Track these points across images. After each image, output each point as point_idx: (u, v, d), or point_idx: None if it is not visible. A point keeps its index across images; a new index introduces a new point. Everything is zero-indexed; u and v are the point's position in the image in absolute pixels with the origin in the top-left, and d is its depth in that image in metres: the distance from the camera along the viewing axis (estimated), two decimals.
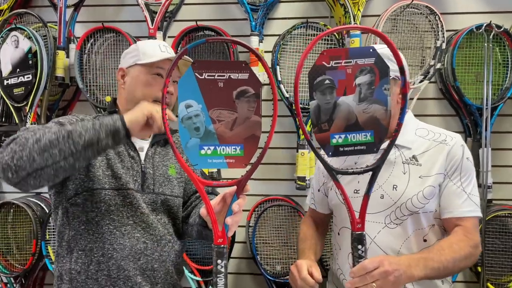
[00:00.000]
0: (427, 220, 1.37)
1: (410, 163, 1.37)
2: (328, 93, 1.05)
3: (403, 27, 2.04)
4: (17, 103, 2.09)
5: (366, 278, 1.08)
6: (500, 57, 2.03)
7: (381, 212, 1.36)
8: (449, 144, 1.37)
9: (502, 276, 2.03)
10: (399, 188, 1.35)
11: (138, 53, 1.40)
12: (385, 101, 1.05)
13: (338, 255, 1.47)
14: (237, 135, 1.00)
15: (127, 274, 1.29)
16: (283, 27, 2.12)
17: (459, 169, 1.35)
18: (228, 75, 0.98)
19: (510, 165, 2.10)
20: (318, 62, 1.04)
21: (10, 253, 2.25)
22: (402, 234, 1.35)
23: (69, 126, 1.13)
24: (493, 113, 1.99)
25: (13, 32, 2.08)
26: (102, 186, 1.31)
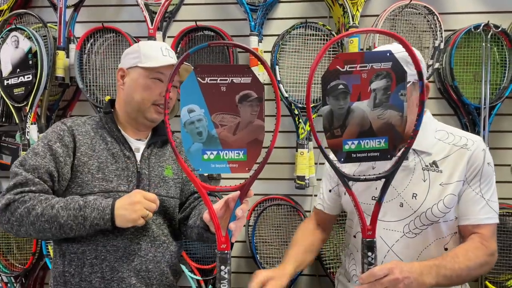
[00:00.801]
0: (448, 228, 1.34)
1: (430, 169, 1.32)
2: (341, 98, 1.03)
3: (401, 27, 2.05)
4: (17, 103, 2.09)
5: (375, 285, 1.07)
6: (498, 56, 2.03)
7: (400, 220, 1.33)
8: (470, 149, 1.32)
9: (501, 274, 2.04)
10: (419, 197, 1.31)
11: (140, 55, 1.40)
12: (401, 107, 1.03)
13: (354, 257, 1.45)
14: (240, 140, 1.00)
15: (121, 275, 1.29)
16: (282, 27, 2.12)
17: (479, 175, 1.31)
18: (230, 79, 0.98)
19: (508, 164, 2.11)
20: (332, 67, 1.01)
21: (11, 252, 2.25)
22: (421, 244, 1.33)
23: (60, 214, 1.20)
24: (491, 112, 2.00)
25: (13, 32, 2.08)
26: (91, 190, 1.31)
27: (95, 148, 1.36)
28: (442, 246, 1.34)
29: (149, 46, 1.43)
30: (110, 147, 1.38)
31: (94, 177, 1.32)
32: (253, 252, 2.09)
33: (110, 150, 1.37)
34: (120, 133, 1.41)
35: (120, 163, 1.36)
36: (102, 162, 1.34)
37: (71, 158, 1.32)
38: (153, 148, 1.45)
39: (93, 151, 1.35)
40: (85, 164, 1.33)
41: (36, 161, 1.27)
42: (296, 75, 2.09)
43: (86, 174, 1.32)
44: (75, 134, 1.36)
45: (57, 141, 1.32)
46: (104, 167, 1.34)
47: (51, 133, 1.34)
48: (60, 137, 1.33)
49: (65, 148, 1.32)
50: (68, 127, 1.36)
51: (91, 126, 1.41)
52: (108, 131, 1.41)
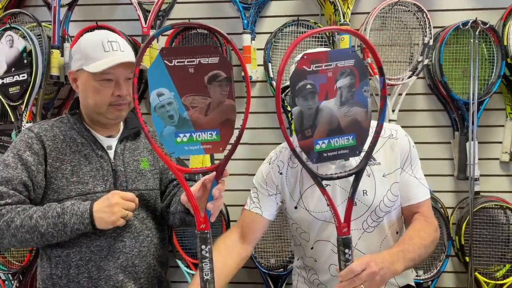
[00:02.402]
0: (397, 214, 1.42)
1: (371, 163, 1.36)
2: (310, 98, 1.02)
3: (391, 24, 2.08)
4: (13, 102, 2.09)
5: (354, 281, 1.09)
6: (486, 52, 2.06)
7: (358, 218, 1.36)
8: (397, 138, 1.39)
9: (490, 265, 2.09)
10: (369, 192, 1.35)
11: (82, 56, 1.33)
12: (365, 103, 1.04)
13: (313, 267, 1.46)
14: (212, 120, 0.99)
15: (107, 273, 1.31)
16: (274, 25, 2.15)
17: (409, 159, 1.39)
18: (198, 60, 0.96)
19: (496, 158, 2.15)
20: (299, 66, 1.01)
21: (7, 250, 2.27)
22: (380, 235, 1.38)
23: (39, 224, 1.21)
24: (480, 107, 2.03)
25: (7, 31, 2.09)
26: (68, 194, 1.30)
27: (66, 152, 1.34)
28: (394, 231, 1.41)
29: (90, 44, 1.34)
30: (81, 149, 1.35)
31: (69, 181, 1.31)
32: None
33: (82, 151, 1.35)
34: (89, 133, 1.39)
35: (94, 163, 1.35)
36: (75, 165, 1.33)
37: (43, 166, 1.31)
38: (126, 143, 1.43)
39: (64, 155, 1.33)
40: (58, 169, 1.31)
41: (8, 173, 1.26)
42: (289, 72, 2.11)
43: (61, 179, 1.30)
44: (43, 140, 1.33)
45: (26, 150, 1.30)
46: (78, 170, 1.32)
47: (19, 142, 1.32)
48: (28, 145, 1.31)
49: (35, 156, 1.30)
50: (35, 133, 1.33)
51: (59, 129, 1.37)
52: (77, 132, 1.38)
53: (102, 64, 1.28)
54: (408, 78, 2.03)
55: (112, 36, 1.35)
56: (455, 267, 2.18)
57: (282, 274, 2.10)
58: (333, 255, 1.35)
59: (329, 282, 1.41)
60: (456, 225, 2.11)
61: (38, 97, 2.13)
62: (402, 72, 2.07)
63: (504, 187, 2.15)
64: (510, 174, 2.15)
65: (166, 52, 0.97)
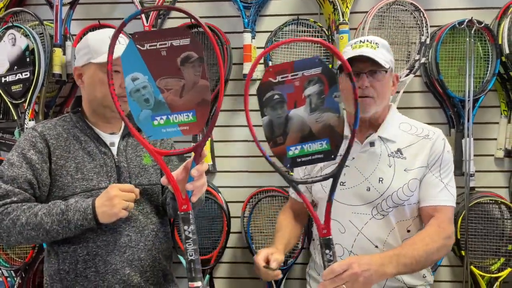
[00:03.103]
0: (411, 211, 1.43)
1: (395, 156, 1.41)
2: (278, 108, 1.05)
3: (389, 23, 2.12)
4: (15, 100, 2.11)
5: (335, 281, 1.10)
6: (481, 51, 2.10)
7: (368, 204, 1.41)
8: (431, 139, 1.42)
9: (485, 259, 2.13)
10: (385, 181, 1.40)
11: (90, 50, 1.35)
12: (337, 108, 1.04)
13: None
14: (188, 102, 0.99)
15: (114, 267, 1.33)
16: (274, 24, 2.18)
17: (439, 161, 1.40)
18: (170, 43, 0.96)
19: (491, 154, 2.19)
20: (265, 79, 1.03)
21: (10, 247, 2.28)
22: (387, 225, 1.41)
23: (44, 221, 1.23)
24: (475, 104, 2.07)
25: (10, 30, 2.10)
26: (73, 191, 1.32)
27: (70, 149, 1.36)
28: (405, 228, 1.43)
29: (97, 39, 1.37)
30: (85, 146, 1.37)
31: (73, 178, 1.33)
32: (249, 242, 2.15)
33: (86, 149, 1.37)
34: (92, 130, 1.40)
35: (98, 160, 1.37)
36: (79, 162, 1.34)
37: (47, 164, 1.32)
38: (128, 139, 1.45)
39: (68, 152, 1.35)
40: (63, 167, 1.33)
41: (13, 172, 1.28)
42: None
43: (66, 177, 1.32)
44: (47, 138, 1.35)
45: (31, 149, 1.32)
46: (82, 167, 1.34)
47: (23, 142, 1.34)
48: (32, 144, 1.32)
49: (39, 155, 1.32)
50: (39, 132, 1.35)
51: (62, 127, 1.39)
52: (80, 130, 1.40)
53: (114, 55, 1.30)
54: (406, 76, 2.07)
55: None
56: (451, 261, 2.23)
57: (282, 268, 2.12)
58: (340, 235, 1.43)
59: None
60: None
61: (41, 95, 2.15)
62: (399, 70, 2.10)
63: (499, 182, 2.19)
64: (504, 170, 2.19)
65: (138, 37, 0.98)
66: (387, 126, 1.45)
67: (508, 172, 2.19)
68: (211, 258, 2.17)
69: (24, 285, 2.21)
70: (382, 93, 1.41)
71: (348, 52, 1.42)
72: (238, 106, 2.30)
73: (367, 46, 1.41)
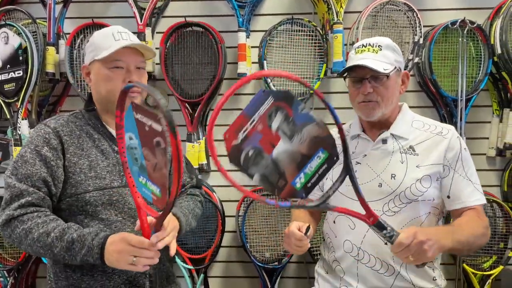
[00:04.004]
0: (425, 208, 1.42)
1: (408, 152, 1.43)
2: (260, 160, 0.99)
3: (383, 23, 2.13)
4: (8, 99, 2.10)
5: (405, 252, 1.14)
6: (473, 51, 2.12)
7: (380, 200, 1.41)
8: (446, 137, 1.43)
9: (477, 257, 2.15)
10: (398, 177, 1.40)
11: (94, 48, 1.36)
12: (309, 118, 0.98)
13: (332, 242, 1.52)
14: (156, 178, 1.00)
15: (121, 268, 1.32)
16: (268, 23, 2.18)
17: (460, 160, 1.42)
18: (150, 123, 0.97)
19: (483, 153, 2.22)
20: (229, 147, 0.99)
21: (2, 247, 2.27)
22: (399, 222, 1.39)
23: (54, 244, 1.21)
24: (468, 104, 2.09)
25: (2, 28, 2.08)
26: (86, 189, 1.31)
27: (83, 147, 1.35)
28: (419, 225, 1.42)
29: (101, 36, 1.38)
30: (98, 144, 1.37)
31: (87, 176, 1.32)
32: (244, 241, 2.16)
33: (99, 147, 1.36)
34: (105, 128, 1.40)
35: (111, 159, 1.36)
36: (92, 160, 1.34)
37: (61, 160, 1.31)
38: None
39: (81, 150, 1.34)
40: (76, 164, 1.32)
41: (27, 170, 1.26)
42: (283, 69, 2.15)
43: (79, 174, 1.31)
44: (61, 135, 1.34)
45: (44, 145, 1.30)
46: (96, 165, 1.33)
47: (36, 138, 1.32)
48: (46, 141, 1.31)
49: (54, 151, 1.30)
50: (52, 128, 1.34)
51: (75, 124, 1.39)
52: (93, 128, 1.39)
53: (111, 49, 1.31)
54: None
55: (122, 29, 1.40)
56: (444, 259, 2.24)
57: (276, 267, 2.15)
58: (349, 231, 1.44)
59: (342, 258, 1.47)
60: (445, 218, 2.17)
61: (34, 94, 2.14)
62: None
63: (491, 181, 2.22)
64: (496, 169, 2.22)
65: (134, 106, 1.02)
66: (399, 124, 1.48)
67: (500, 170, 2.21)
68: (206, 257, 2.17)
69: (17, 285, 2.20)
70: (386, 96, 1.42)
71: (351, 58, 1.46)
72: (233, 105, 2.30)
73: (368, 50, 1.42)
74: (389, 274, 1.41)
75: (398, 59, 1.46)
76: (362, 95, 1.43)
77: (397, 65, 1.44)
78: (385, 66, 1.39)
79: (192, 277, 2.17)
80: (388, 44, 1.45)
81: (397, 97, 1.48)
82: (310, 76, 2.17)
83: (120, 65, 1.34)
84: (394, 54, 1.45)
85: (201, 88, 2.20)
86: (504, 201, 2.16)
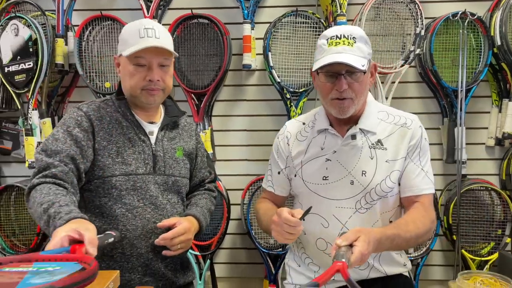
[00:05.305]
0: (394, 202, 1.43)
1: (376, 147, 1.40)
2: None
3: (385, 15, 2.16)
4: (18, 90, 2.15)
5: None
6: (474, 42, 2.16)
7: (352, 197, 1.40)
8: (410, 128, 1.41)
9: (476, 243, 2.21)
10: (368, 174, 1.38)
11: (123, 42, 1.40)
12: None
13: (301, 239, 1.51)
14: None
15: (139, 251, 1.38)
16: (273, 15, 2.22)
17: (418, 149, 1.40)
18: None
19: (482, 142, 2.26)
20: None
21: (14, 234, 2.33)
22: (371, 218, 1.41)
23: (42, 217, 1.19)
24: (467, 94, 2.13)
25: (12, 20, 2.12)
26: (112, 173, 1.37)
27: (113, 133, 1.40)
28: (388, 219, 1.44)
29: (129, 30, 1.40)
30: (126, 132, 1.41)
31: (114, 161, 1.37)
32: (248, 228, 2.21)
33: (126, 134, 1.41)
34: (134, 117, 1.45)
35: (137, 147, 1.41)
36: (120, 146, 1.39)
37: (92, 142, 1.37)
38: (166, 131, 1.50)
39: (110, 135, 1.40)
40: (105, 148, 1.38)
41: (57, 146, 1.31)
42: (288, 61, 2.19)
43: (107, 158, 1.37)
44: (92, 119, 1.39)
45: (76, 127, 1.36)
46: (123, 151, 1.39)
47: (68, 120, 1.38)
48: (78, 123, 1.37)
49: (85, 133, 1.36)
50: (84, 112, 1.40)
51: (105, 110, 1.44)
52: (122, 115, 1.44)
53: (134, 48, 1.34)
54: (401, 67, 2.12)
55: (149, 24, 1.39)
56: (443, 245, 2.31)
57: (281, 253, 2.21)
58: (322, 229, 1.43)
59: (315, 255, 1.48)
60: (444, 206, 2.23)
61: (43, 85, 2.18)
62: (395, 61, 2.16)
63: (490, 170, 2.27)
64: (495, 158, 2.27)
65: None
66: (367, 118, 1.43)
67: (499, 160, 2.27)
68: (212, 244, 2.23)
69: None
70: (360, 92, 1.36)
71: (324, 49, 1.36)
72: (237, 96, 2.35)
73: (343, 43, 1.34)
74: (364, 268, 1.42)
75: (370, 51, 1.39)
76: (336, 91, 1.35)
77: (369, 57, 1.38)
78: (362, 61, 1.32)
79: (199, 263, 2.24)
80: (361, 36, 1.36)
81: (367, 91, 1.44)
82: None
83: (142, 62, 1.37)
84: (367, 46, 1.37)
85: (207, 79, 2.25)
86: (502, 189, 2.21)
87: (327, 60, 1.31)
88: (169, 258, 1.44)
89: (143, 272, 1.39)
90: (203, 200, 1.57)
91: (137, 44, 1.35)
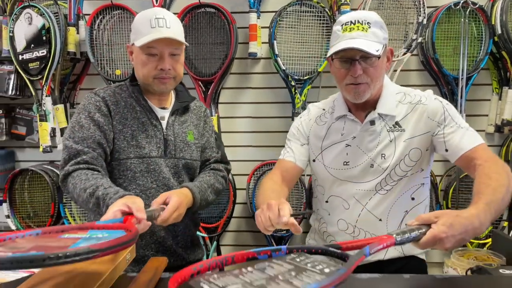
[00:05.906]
0: (416, 180, 1.44)
1: (394, 130, 1.42)
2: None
3: (388, 4, 2.21)
4: (32, 77, 2.22)
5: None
6: (475, 31, 2.20)
7: (372, 180, 1.43)
8: (425, 104, 1.41)
9: None
10: (388, 157, 1.41)
11: (135, 31, 1.44)
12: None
13: (324, 218, 1.56)
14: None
15: (152, 229, 1.45)
16: (278, 4, 2.26)
17: (448, 116, 1.39)
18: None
19: (482, 129, 2.31)
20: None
21: (29, 216, 2.43)
22: (391, 198, 1.43)
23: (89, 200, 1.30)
24: (468, 82, 2.18)
25: (26, 9, 2.19)
26: (128, 156, 1.45)
27: (128, 117, 1.47)
28: (410, 197, 1.45)
29: (140, 20, 1.43)
30: (139, 116, 1.48)
31: (129, 144, 1.45)
32: (254, 212, 2.27)
33: (140, 119, 1.48)
34: (147, 103, 1.51)
35: (149, 131, 1.48)
36: (134, 130, 1.47)
37: (111, 125, 1.45)
38: (177, 115, 1.56)
39: (125, 119, 1.46)
40: (121, 132, 1.45)
41: (83, 133, 1.41)
42: (293, 49, 2.25)
43: (122, 141, 1.45)
44: (108, 104, 1.46)
45: (96, 112, 1.44)
46: (137, 135, 1.46)
47: (88, 105, 1.46)
48: (98, 107, 1.45)
49: (105, 117, 1.44)
50: (101, 97, 1.47)
51: (120, 95, 1.50)
52: (135, 101, 1.50)
53: (145, 39, 1.40)
54: (403, 55, 2.17)
55: (160, 13, 1.42)
56: None
57: (284, 235, 2.29)
58: (344, 211, 1.48)
59: (336, 234, 1.52)
60: (444, 191, 2.29)
61: (56, 72, 2.26)
62: (397, 49, 2.20)
63: None
64: (495, 145, 2.32)
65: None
66: (384, 101, 1.45)
67: (498, 146, 2.32)
68: (218, 227, 2.31)
69: None
70: (375, 77, 1.37)
71: (339, 35, 1.38)
72: (243, 83, 2.41)
73: (358, 29, 1.34)
74: None
75: (385, 35, 1.39)
76: (351, 76, 1.36)
77: (384, 42, 1.38)
78: (376, 46, 1.33)
79: (206, 245, 2.32)
80: (376, 21, 1.36)
81: (383, 75, 1.44)
82: (317, 56, 2.26)
83: (154, 52, 1.43)
84: (382, 31, 1.38)
85: (213, 67, 2.31)
86: None
87: (341, 46, 1.33)
88: (180, 236, 1.52)
89: (156, 248, 1.48)
90: (206, 177, 1.59)
91: (149, 34, 1.39)
